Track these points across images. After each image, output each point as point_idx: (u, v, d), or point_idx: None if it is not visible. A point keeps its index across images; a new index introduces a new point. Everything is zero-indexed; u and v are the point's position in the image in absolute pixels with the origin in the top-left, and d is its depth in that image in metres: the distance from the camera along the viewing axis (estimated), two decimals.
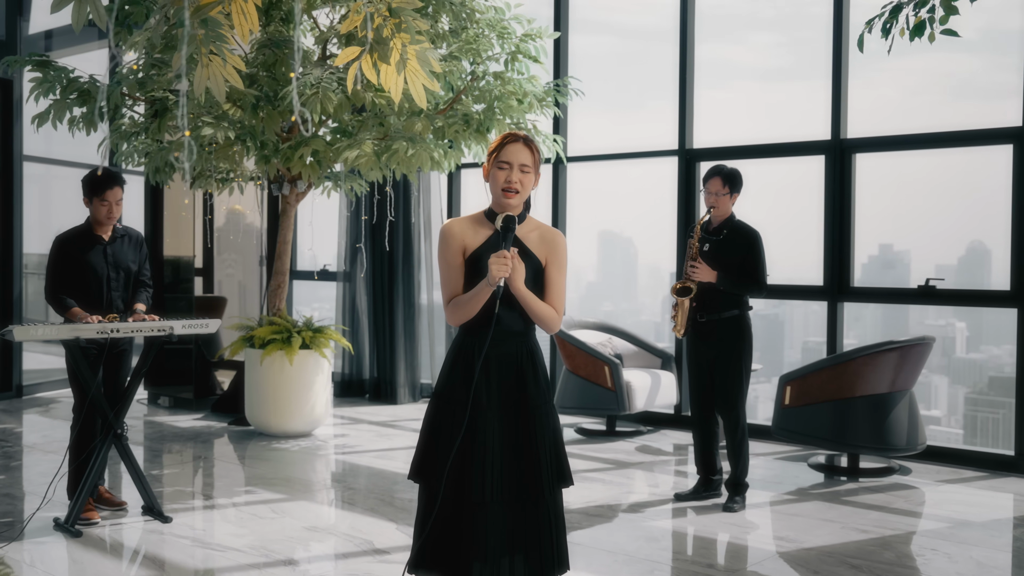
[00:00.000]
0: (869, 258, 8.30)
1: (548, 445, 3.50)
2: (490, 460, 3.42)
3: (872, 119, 7.62)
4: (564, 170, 8.99)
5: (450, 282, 3.52)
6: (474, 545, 3.42)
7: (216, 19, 3.93)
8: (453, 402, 3.47)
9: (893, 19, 4.25)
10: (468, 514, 3.43)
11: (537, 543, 3.50)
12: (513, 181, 3.46)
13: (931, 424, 9.06)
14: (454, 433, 3.44)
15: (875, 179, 7.72)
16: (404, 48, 4.14)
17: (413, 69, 4.20)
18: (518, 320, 3.50)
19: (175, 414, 9.02)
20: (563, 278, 3.57)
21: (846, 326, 7.68)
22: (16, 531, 5.35)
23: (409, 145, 6.57)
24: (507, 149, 3.49)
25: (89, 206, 5.62)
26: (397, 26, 4.09)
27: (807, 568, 4.96)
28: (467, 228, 3.53)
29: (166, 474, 6.90)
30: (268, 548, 5.15)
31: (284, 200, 7.86)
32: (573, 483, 3.61)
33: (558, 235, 3.58)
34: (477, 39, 6.91)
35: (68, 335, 5.25)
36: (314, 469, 7.06)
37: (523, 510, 3.49)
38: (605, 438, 8.05)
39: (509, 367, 3.49)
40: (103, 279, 5.61)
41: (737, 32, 9.41)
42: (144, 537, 5.35)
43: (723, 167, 6.05)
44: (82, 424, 5.62)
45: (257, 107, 6.76)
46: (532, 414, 3.48)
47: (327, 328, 7.86)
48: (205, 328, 5.69)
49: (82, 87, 6.49)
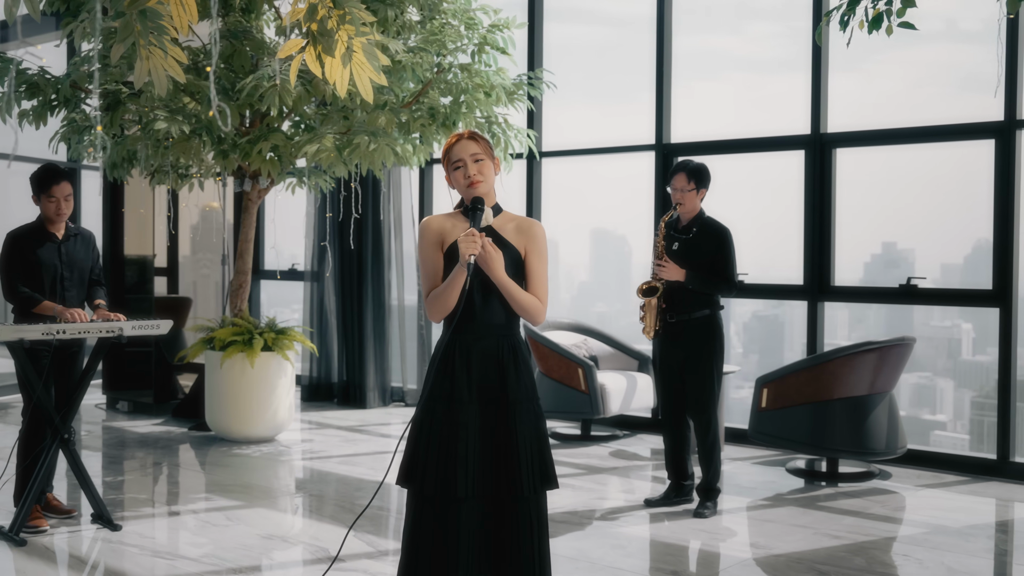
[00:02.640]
0: (872, 257, 8.16)
1: (529, 443, 3.42)
2: (471, 454, 3.38)
3: (873, 112, 7.45)
4: (539, 165, 8.79)
5: (429, 277, 3.53)
6: (459, 547, 3.38)
7: (156, 10, 3.75)
8: (436, 399, 3.45)
9: (851, 12, 4.14)
10: (451, 514, 3.38)
11: (517, 545, 3.42)
12: (472, 173, 3.49)
13: (936, 429, 8.91)
14: (434, 428, 3.41)
15: (874, 175, 7.57)
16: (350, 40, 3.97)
17: (359, 62, 4.03)
18: (500, 313, 3.47)
19: (134, 419, 8.76)
20: (544, 267, 3.56)
21: (848, 327, 7.50)
22: None
23: (371, 139, 6.37)
24: (454, 149, 3.54)
25: (38, 203, 5.45)
26: (341, 18, 3.92)
27: (774, 574, 4.81)
28: (445, 223, 3.56)
29: (120, 481, 6.68)
30: (220, 556, 4.95)
31: (246, 197, 7.64)
32: (558, 486, 3.53)
33: (535, 224, 3.59)
34: (443, 29, 6.71)
35: (10, 337, 5.04)
36: (275, 475, 6.85)
37: (504, 512, 3.41)
38: (579, 443, 7.85)
39: (491, 362, 3.45)
40: (57, 277, 5.45)
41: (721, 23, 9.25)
42: (91, 546, 5.15)
43: (688, 162, 5.88)
44: (28, 428, 5.42)
45: None
46: (512, 410, 3.42)
47: (290, 329, 7.65)
48: (156, 329, 5.49)
49: (31, 79, 6.28)
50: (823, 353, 6.74)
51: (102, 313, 5.45)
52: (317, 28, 3.92)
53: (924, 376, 9.42)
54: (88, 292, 5.63)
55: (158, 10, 3.75)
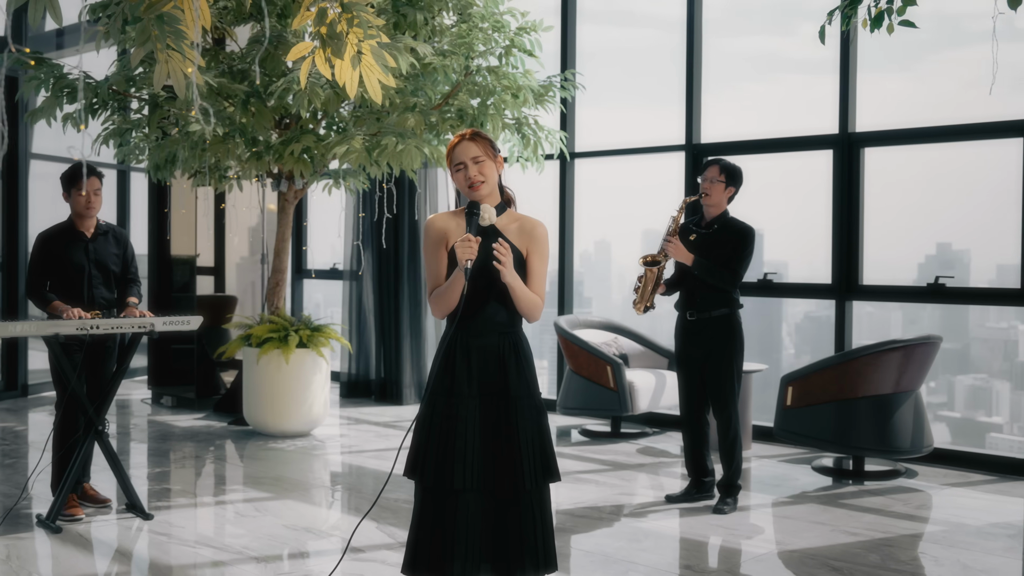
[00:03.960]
0: (926, 258, 8.10)
1: (530, 437, 3.53)
2: (470, 447, 3.48)
3: (922, 110, 7.37)
4: (571, 166, 8.88)
5: (432, 276, 3.63)
6: (456, 539, 3.46)
7: (173, 15, 3.91)
8: (437, 393, 3.55)
9: (852, 11, 4.18)
10: (452, 506, 3.48)
11: (519, 539, 3.51)
12: (472, 176, 3.57)
13: (992, 431, 8.84)
14: (435, 422, 3.52)
15: (928, 173, 7.50)
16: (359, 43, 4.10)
17: (368, 64, 4.16)
18: (501, 311, 3.57)
19: (177, 414, 9.01)
20: (545, 267, 3.66)
21: (901, 328, 7.46)
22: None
23: (399, 140, 6.51)
24: (455, 152, 3.61)
25: (68, 200, 5.65)
26: (350, 21, 4.05)
27: (786, 569, 4.86)
28: (448, 222, 3.64)
29: (158, 472, 6.89)
30: (245, 545, 5.11)
31: (282, 197, 7.83)
32: (560, 479, 3.63)
33: (539, 225, 3.66)
34: (470, 32, 6.84)
35: (47, 331, 5.24)
36: (307, 469, 7.01)
37: (506, 504, 3.51)
38: (608, 440, 7.92)
39: (492, 357, 3.55)
40: (84, 275, 5.63)
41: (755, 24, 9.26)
42: (121, 534, 5.34)
43: (724, 159, 5.93)
44: (63, 420, 5.62)
45: (247, 103, 6.73)
46: (512, 404, 3.52)
47: (325, 327, 7.82)
48: (186, 325, 5.67)
49: (72, 83, 6.51)
50: (848, 351, 6.74)
51: (130, 311, 5.61)
52: (326, 31, 4.07)
53: (980, 378, 9.33)
54: (121, 290, 5.80)
55: (175, 15, 3.91)
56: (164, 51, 3.92)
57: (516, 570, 3.51)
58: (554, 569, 3.60)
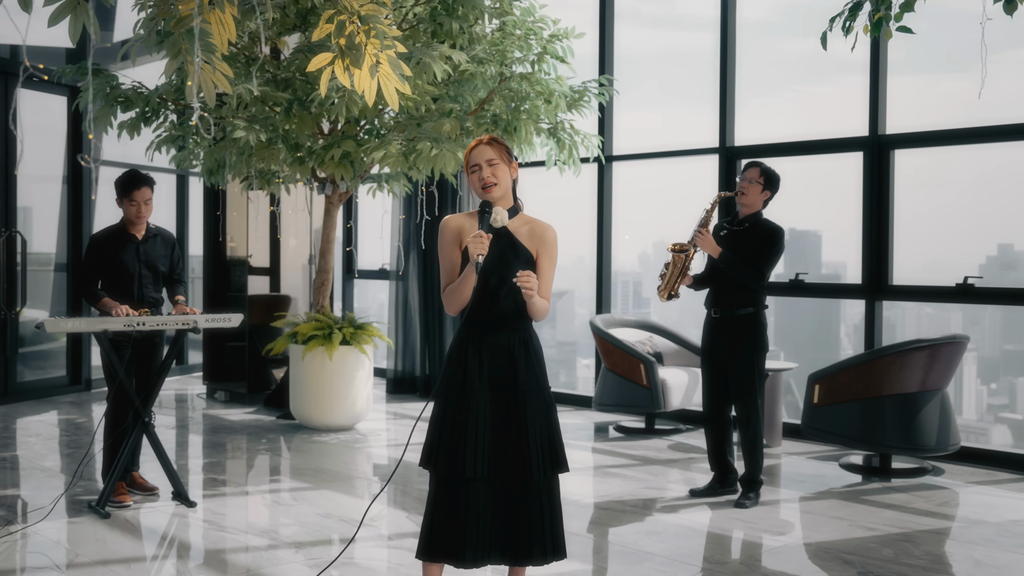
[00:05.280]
0: (988, 259, 8.11)
1: (539, 429, 3.72)
2: (481, 438, 3.66)
3: (989, 110, 7.37)
4: (609, 169, 9.05)
5: (446, 272, 3.83)
6: (468, 526, 3.65)
7: (204, 29, 4.18)
8: (450, 386, 3.74)
9: (852, 18, 4.31)
10: (463, 494, 3.67)
11: (527, 528, 3.69)
12: (486, 177, 3.75)
13: None
14: (447, 414, 3.71)
15: (985, 173, 7.48)
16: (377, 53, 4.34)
17: (385, 73, 4.39)
18: (511, 309, 3.76)
19: (229, 408, 9.38)
20: (552, 269, 3.85)
21: (962, 328, 7.48)
22: (46, 511, 5.69)
23: (433, 145, 6.75)
24: (472, 154, 3.80)
25: (121, 206, 5.97)
26: (367, 33, 4.29)
27: (796, 561, 4.97)
28: (463, 222, 3.83)
29: (205, 463, 7.22)
30: (278, 532, 5.38)
31: (327, 200, 8.13)
32: (568, 469, 3.81)
33: (548, 229, 3.85)
34: (503, 40, 7.06)
35: (96, 328, 5.57)
36: (347, 461, 7.27)
37: (516, 493, 3.70)
38: (642, 435, 8.09)
39: (502, 352, 3.75)
40: (135, 276, 5.95)
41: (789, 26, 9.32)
42: (164, 519, 5.64)
43: (764, 163, 6.08)
44: (113, 411, 5.95)
45: (290, 110, 7.02)
46: (521, 398, 3.71)
47: (368, 325, 8.09)
48: (228, 322, 5.96)
49: (124, 93, 6.86)
50: (873, 350, 6.83)
51: (180, 308, 5.94)
52: (345, 43, 4.31)
53: None
54: (169, 289, 6.14)
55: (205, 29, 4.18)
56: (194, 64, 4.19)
57: (524, 557, 3.71)
58: (562, 557, 3.78)
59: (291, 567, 4.77)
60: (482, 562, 3.69)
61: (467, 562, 3.67)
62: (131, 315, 5.67)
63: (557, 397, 9.35)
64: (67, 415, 8.95)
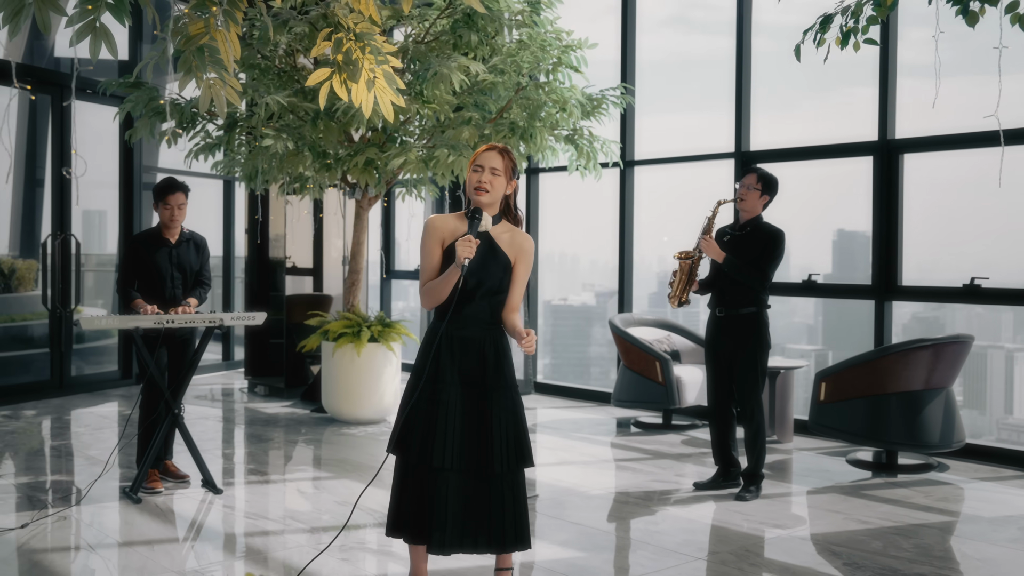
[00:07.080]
0: (994, 259, 8.18)
1: (505, 424, 3.97)
2: (450, 430, 3.92)
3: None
4: (629, 174, 9.28)
5: (427, 269, 4.05)
6: (436, 512, 3.91)
7: (213, 47, 4.52)
8: (422, 377, 3.98)
9: (823, 30, 4.52)
10: (432, 482, 3.93)
11: (489, 517, 3.96)
12: (483, 181, 3.99)
13: None
14: (420, 405, 3.96)
15: None
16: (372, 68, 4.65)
17: (381, 87, 4.70)
18: (485, 310, 4.02)
19: (268, 401, 9.80)
20: (527, 276, 4.11)
21: (1012, 330, 7.57)
22: (80, 495, 6.10)
23: (450, 152, 7.06)
24: (482, 155, 4.03)
25: (157, 210, 6.37)
26: (363, 49, 4.60)
27: (783, 551, 5.13)
28: (449, 223, 4.07)
29: (238, 453, 7.60)
30: (296, 518, 5.71)
31: (357, 204, 8.49)
32: (533, 464, 4.08)
33: (527, 239, 4.11)
34: (519, 51, 7.35)
35: (127, 325, 5.97)
36: (371, 453, 7.58)
37: (482, 484, 3.96)
38: (658, 431, 8.32)
39: (473, 349, 4.00)
40: (167, 277, 6.34)
41: None
42: (190, 505, 6.00)
43: (762, 168, 6.30)
44: (145, 402, 6.34)
45: (316, 120, 7.38)
46: (489, 394, 3.97)
47: (396, 323, 8.43)
48: (252, 320, 6.32)
49: (160, 108, 7.28)
50: (879, 349, 6.98)
51: (183, 308, 6.25)
52: (342, 59, 4.63)
53: None
54: (190, 290, 6.50)
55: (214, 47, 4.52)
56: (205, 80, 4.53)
57: (485, 544, 3.98)
58: (526, 547, 4.06)
59: (299, 551, 5.09)
60: (450, 550, 3.95)
61: (434, 547, 3.93)
62: (159, 314, 6.06)
63: (591, 394, 9.62)
64: (117, 407, 9.43)
